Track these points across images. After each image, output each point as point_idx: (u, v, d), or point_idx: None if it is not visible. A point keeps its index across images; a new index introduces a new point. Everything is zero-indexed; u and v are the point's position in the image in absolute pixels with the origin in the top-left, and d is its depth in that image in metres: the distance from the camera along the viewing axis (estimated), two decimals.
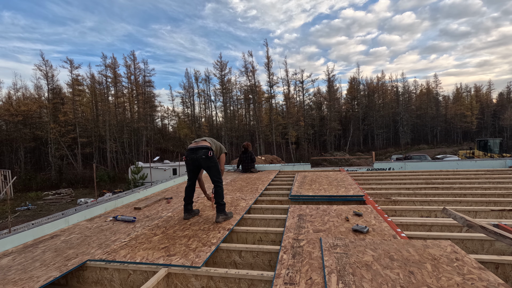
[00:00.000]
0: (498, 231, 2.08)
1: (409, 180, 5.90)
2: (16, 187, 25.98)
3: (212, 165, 3.49)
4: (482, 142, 23.35)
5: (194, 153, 3.46)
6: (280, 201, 4.65)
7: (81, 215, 4.14)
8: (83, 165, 36.56)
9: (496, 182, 5.29)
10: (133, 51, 49.55)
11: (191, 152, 3.49)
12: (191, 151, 3.49)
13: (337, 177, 5.97)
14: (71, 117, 37.23)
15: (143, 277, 2.34)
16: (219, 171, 3.55)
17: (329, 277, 1.87)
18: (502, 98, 62.94)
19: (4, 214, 16.36)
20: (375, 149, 47.10)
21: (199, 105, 53.77)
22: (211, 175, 3.50)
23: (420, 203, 4.06)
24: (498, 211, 3.45)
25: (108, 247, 2.83)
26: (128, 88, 45.00)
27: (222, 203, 3.42)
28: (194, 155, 3.46)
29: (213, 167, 3.50)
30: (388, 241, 2.39)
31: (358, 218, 3.20)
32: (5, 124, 36.79)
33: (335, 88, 56.28)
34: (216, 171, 3.51)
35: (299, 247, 2.44)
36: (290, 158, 42.85)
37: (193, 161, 3.48)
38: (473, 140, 43.79)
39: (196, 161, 3.47)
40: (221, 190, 3.49)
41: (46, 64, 36.88)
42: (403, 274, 1.86)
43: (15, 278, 2.30)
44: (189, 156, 3.51)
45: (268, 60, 45.55)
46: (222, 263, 2.70)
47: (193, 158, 3.47)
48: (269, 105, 48.62)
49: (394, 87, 59.94)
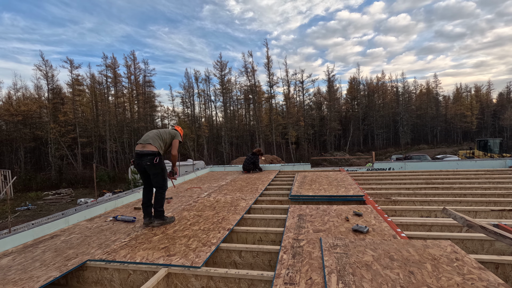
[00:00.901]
0: (498, 231, 2.08)
1: (409, 180, 5.90)
2: (16, 187, 25.97)
3: (158, 172, 3.43)
4: (482, 142, 23.34)
5: (139, 159, 3.41)
6: (280, 201, 4.65)
7: (81, 215, 4.15)
8: (83, 165, 36.56)
9: (496, 182, 5.29)
10: (133, 51, 49.56)
11: (137, 157, 3.44)
12: (137, 156, 3.43)
13: (337, 177, 5.97)
14: (71, 117, 37.20)
15: (143, 277, 2.34)
16: (163, 178, 3.49)
17: (329, 277, 1.87)
18: (502, 98, 62.93)
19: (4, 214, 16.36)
20: (375, 149, 47.10)
21: (199, 105, 53.74)
22: (154, 182, 3.47)
23: (420, 203, 4.06)
24: (498, 211, 3.45)
25: (108, 247, 2.83)
26: (128, 88, 44.98)
27: (160, 210, 3.43)
28: (139, 160, 3.41)
29: (158, 174, 3.44)
30: (388, 241, 2.39)
31: (358, 218, 3.20)
32: (5, 124, 36.78)
33: (335, 88, 56.32)
34: (161, 178, 3.46)
35: (299, 247, 2.44)
36: (290, 158, 42.83)
37: (139, 166, 3.45)
38: (473, 140, 43.80)
39: (141, 167, 3.44)
40: (161, 197, 3.47)
41: (46, 64, 36.85)
42: (403, 274, 1.86)
43: (15, 278, 2.30)
44: (135, 161, 3.47)
45: (268, 60, 45.57)
46: (222, 263, 2.70)
47: (138, 163, 3.43)
48: (269, 105, 48.61)
49: (394, 87, 59.97)
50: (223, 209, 4.06)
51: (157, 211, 3.44)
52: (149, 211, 3.49)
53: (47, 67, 36.94)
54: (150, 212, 3.49)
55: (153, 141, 3.47)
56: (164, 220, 3.45)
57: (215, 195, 5.11)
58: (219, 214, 3.80)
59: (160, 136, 3.58)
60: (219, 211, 3.93)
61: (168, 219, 3.49)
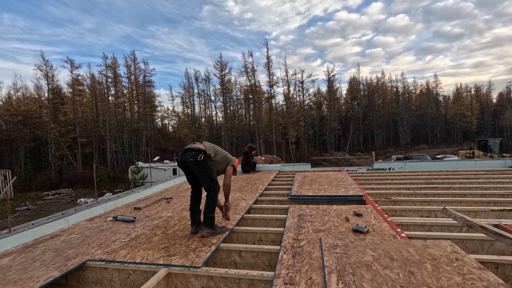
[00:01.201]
0: (498, 231, 2.08)
1: (409, 180, 5.90)
2: (16, 187, 25.97)
3: (202, 171, 3.06)
4: (482, 142, 23.34)
5: (184, 154, 3.12)
6: (280, 201, 4.65)
7: (81, 215, 4.15)
8: (83, 165, 36.55)
9: (496, 182, 5.29)
10: (133, 51, 49.67)
11: (182, 153, 3.17)
12: (182, 152, 3.18)
13: (337, 177, 5.97)
14: (71, 117, 37.21)
15: (143, 277, 2.34)
16: (211, 178, 3.09)
17: (329, 277, 1.87)
18: (502, 98, 62.93)
19: (4, 214, 16.36)
20: (375, 149, 47.09)
21: (199, 105, 53.77)
22: (202, 182, 3.13)
23: (420, 203, 4.06)
24: (498, 211, 3.45)
25: (108, 247, 2.83)
26: (128, 88, 44.99)
27: (210, 216, 3.03)
28: (183, 156, 3.12)
29: (203, 173, 3.07)
30: (388, 241, 2.39)
31: (358, 218, 3.20)
32: (5, 124, 36.78)
33: (335, 88, 56.35)
34: (208, 178, 3.08)
35: (299, 247, 2.44)
36: (290, 158, 42.83)
37: (182, 162, 3.15)
38: (473, 140, 43.77)
39: (184, 163, 3.12)
40: (212, 200, 3.07)
41: (47, 64, 36.90)
42: (403, 274, 1.85)
43: (15, 278, 2.30)
44: (179, 157, 3.19)
45: (268, 60, 45.58)
46: (222, 263, 2.70)
47: (182, 159, 3.13)
48: (269, 105, 48.63)
49: (394, 87, 59.97)
50: None
51: (206, 217, 3.02)
52: (196, 218, 3.14)
53: (47, 67, 36.99)
54: (197, 219, 3.13)
55: (205, 144, 3.22)
56: (213, 230, 3.01)
57: None
58: (219, 214, 3.80)
59: (214, 147, 3.29)
60: (219, 211, 3.93)
61: (218, 229, 3.06)
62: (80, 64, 41.90)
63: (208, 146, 3.21)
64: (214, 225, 3.04)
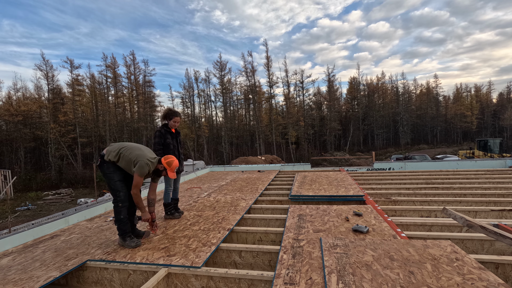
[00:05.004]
0: (498, 231, 2.08)
1: (409, 180, 5.89)
2: (16, 187, 25.96)
3: (105, 177, 2.80)
4: (482, 142, 23.32)
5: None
6: (280, 201, 4.65)
7: (81, 215, 4.15)
8: (83, 165, 36.53)
9: (496, 182, 5.29)
10: (132, 51, 49.56)
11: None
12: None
13: (337, 177, 5.97)
14: (71, 117, 37.20)
15: (143, 277, 2.34)
16: (110, 187, 2.77)
17: (329, 277, 1.87)
18: (502, 98, 62.92)
19: (4, 214, 16.36)
20: (375, 149, 47.09)
21: (199, 105, 53.76)
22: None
23: (420, 203, 4.06)
24: (498, 211, 3.45)
25: (108, 247, 2.83)
26: (128, 88, 44.99)
27: (116, 225, 2.79)
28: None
29: (106, 180, 2.80)
30: (388, 241, 2.39)
31: (358, 218, 3.20)
32: (5, 124, 36.77)
33: (335, 88, 56.34)
34: (108, 186, 2.79)
35: (299, 247, 2.44)
36: (290, 158, 42.81)
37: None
38: (473, 140, 43.77)
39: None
40: (115, 210, 2.79)
41: (47, 64, 36.90)
42: (403, 274, 1.85)
43: (15, 278, 2.30)
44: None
45: (268, 60, 45.62)
46: (222, 263, 2.70)
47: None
48: (269, 105, 48.62)
49: (394, 87, 59.96)
50: (223, 209, 4.06)
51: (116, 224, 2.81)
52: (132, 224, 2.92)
53: (47, 67, 36.98)
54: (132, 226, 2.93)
55: (110, 146, 2.89)
56: (123, 241, 2.76)
57: (215, 195, 5.11)
58: (219, 214, 3.80)
59: (121, 150, 2.80)
60: (219, 211, 3.93)
61: (128, 242, 2.73)
62: (79, 64, 42.05)
63: (110, 149, 2.83)
64: (125, 237, 2.77)
